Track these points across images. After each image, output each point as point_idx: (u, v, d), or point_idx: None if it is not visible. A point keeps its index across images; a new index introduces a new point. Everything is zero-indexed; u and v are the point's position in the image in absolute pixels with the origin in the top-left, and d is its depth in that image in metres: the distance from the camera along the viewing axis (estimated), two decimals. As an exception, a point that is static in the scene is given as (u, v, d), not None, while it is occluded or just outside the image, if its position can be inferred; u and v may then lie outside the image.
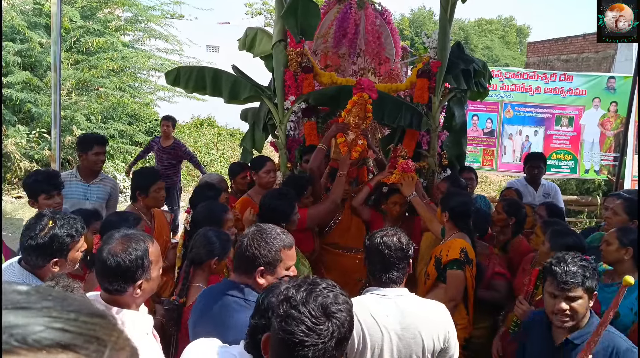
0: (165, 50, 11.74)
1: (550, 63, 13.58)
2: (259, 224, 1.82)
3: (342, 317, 1.11)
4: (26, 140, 9.17)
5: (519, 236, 3.22)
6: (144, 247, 1.65)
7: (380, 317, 1.80)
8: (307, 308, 1.09)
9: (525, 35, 37.68)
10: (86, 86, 10.23)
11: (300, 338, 1.06)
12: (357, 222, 3.52)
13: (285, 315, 1.10)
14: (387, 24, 4.65)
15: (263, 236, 1.70)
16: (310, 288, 1.14)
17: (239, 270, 1.76)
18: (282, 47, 3.91)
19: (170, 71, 4.36)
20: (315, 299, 1.11)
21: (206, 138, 12.76)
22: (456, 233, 2.73)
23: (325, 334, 1.08)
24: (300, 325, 1.07)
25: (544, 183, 4.48)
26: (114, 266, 1.59)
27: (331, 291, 1.15)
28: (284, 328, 1.09)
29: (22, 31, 9.33)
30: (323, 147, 3.41)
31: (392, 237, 1.88)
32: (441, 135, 4.19)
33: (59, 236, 1.89)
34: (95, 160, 3.56)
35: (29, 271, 1.93)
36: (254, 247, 1.68)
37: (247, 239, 1.72)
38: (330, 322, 1.09)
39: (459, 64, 4.04)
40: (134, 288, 1.63)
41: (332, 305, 1.11)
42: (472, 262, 2.62)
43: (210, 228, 2.36)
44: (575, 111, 8.52)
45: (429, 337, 1.81)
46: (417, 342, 1.80)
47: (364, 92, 3.38)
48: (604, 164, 8.62)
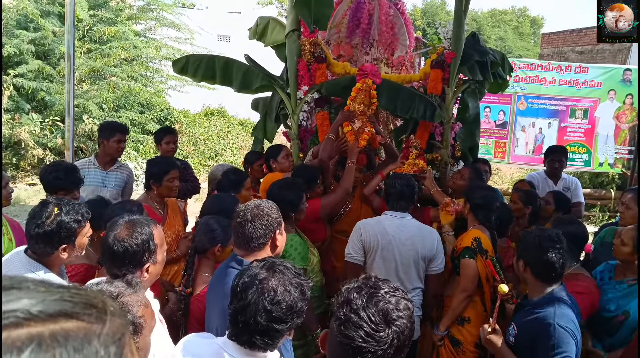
0: (177, 39, 11.75)
1: (564, 55, 13.35)
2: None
3: (402, 324, 1.07)
4: (39, 128, 9.27)
5: (533, 226, 3.21)
6: (149, 231, 1.67)
7: (390, 229, 2.71)
8: (367, 313, 1.06)
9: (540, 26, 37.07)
10: (98, 75, 10.29)
11: (359, 344, 1.04)
12: (366, 210, 3.52)
13: (345, 318, 1.07)
14: (400, 15, 4.60)
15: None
16: (372, 291, 1.10)
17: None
18: (295, 37, 3.88)
19: (179, 59, 4.29)
20: (376, 304, 1.07)
21: (217, 127, 12.79)
22: (476, 225, 2.75)
23: (385, 341, 1.05)
24: (359, 330, 1.04)
25: (564, 176, 4.39)
26: (121, 252, 1.61)
27: (393, 296, 1.10)
28: (342, 333, 1.07)
29: (35, 19, 9.39)
30: (331, 136, 3.39)
31: (403, 179, 2.81)
32: (454, 127, 4.15)
33: (66, 223, 1.89)
34: (117, 148, 3.58)
35: (35, 260, 1.93)
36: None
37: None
38: (390, 329, 1.06)
39: (473, 55, 3.98)
40: (141, 272, 1.65)
41: (393, 312, 1.07)
42: (486, 253, 2.62)
43: (211, 216, 2.36)
44: (590, 103, 8.40)
45: (422, 247, 2.68)
46: (414, 248, 2.67)
47: (367, 78, 3.33)
48: (618, 158, 8.51)
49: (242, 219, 1.86)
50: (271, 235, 1.89)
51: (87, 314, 0.47)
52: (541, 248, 1.98)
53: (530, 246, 2.04)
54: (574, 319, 1.92)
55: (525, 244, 2.10)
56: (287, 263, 1.43)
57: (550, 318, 1.90)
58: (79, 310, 0.46)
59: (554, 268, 1.97)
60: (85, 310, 0.47)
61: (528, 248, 2.06)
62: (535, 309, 2.00)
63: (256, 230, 1.84)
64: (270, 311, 1.31)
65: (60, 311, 0.45)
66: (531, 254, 2.02)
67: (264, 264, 1.39)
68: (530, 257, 2.03)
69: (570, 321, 1.89)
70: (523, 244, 2.13)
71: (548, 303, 1.97)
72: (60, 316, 0.45)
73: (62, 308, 0.45)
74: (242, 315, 1.33)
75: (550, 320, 1.89)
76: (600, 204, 9.09)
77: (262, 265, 1.39)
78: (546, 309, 1.95)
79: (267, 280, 1.34)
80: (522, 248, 2.11)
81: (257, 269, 1.38)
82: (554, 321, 1.88)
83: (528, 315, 2.02)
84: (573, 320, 1.91)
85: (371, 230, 2.71)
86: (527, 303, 2.08)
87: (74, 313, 0.46)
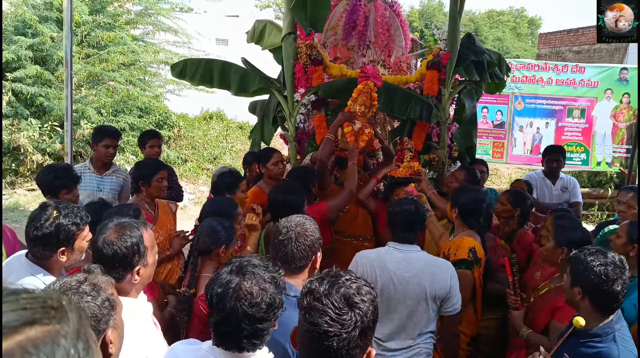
0: (175, 43, 11.78)
1: (561, 54, 13.39)
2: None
3: (365, 307, 1.12)
4: (38, 133, 9.28)
5: (524, 227, 3.21)
6: (139, 234, 1.68)
7: (392, 265, 2.30)
8: (330, 300, 1.10)
9: (537, 27, 37.16)
10: (97, 80, 10.31)
11: (325, 329, 1.08)
12: (363, 211, 3.54)
13: (309, 307, 1.12)
14: (396, 16, 4.62)
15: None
16: (333, 280, 1.15)
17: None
18: (291, 40, 3.90)
19: (177, 63, 4.33)
20: (338, 290, 1.12)
21: (215, 131, 12.80)
22: (465, 230, 2.69)
23: (349, 324, 1.09)
24: (324, 316, 1.09)
25: (562, 176, 4.37)
26: (110, 255, 1.62)
27: (354, 282, 1.16)
28: (308, 320, 1.11)
29: (34, 25, 9.41)
30: (331, 137, 3.41)
31: (412, 205, 2.39)
32: (451, 127, 4.17)
33: (64, 225, 1.90)
34: (105, 153, 3.59)
35: (35, 263, 1.94)
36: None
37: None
38: (353, 312, 1.10)
39: (469, 55, 4.01)
40: (132, 275, 1.66)
41: (355, 296, 1.12)
42: (480, 261, 2.59)
43: (213, 217, 2.37)
44: (587, 102, 8.42)
45: (431, 286, 2.26)
46: (421, 288, 2.26)
47: (369, 80, 3.37)
48: (616, 157, 8.53)
49: (285, 237, 1.80)
50: (312, 256, 1.85)
51: (49, 317, 0.46)
52: (606, 279, 1.76)
53: (593, 275, 1.79)
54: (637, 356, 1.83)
55: (585, 271, 1.82)
56: (254, 260, 1.43)
57: (615, 357, 1.77)
58: (40, 315, 0.46)
59: (617, 299, 1.80)
60: (45, 314, 0.46)
61: (589, 277, 1.80)
62: (595, 342, 1.82)
63: (300, 251, 1.79)
64: (251, 315, 1.32)
65: (22, 321, 0.44)
66: (594, 284, 1.79)
67: (232, 269, 1.39)
68: (593, 287, 1.79)
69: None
70: (580, 270, 1.85)
71: (608, 336, 1.81)
72: (23, 326, 0.44)
73: (23, 317, 0.44)
74: (225, 326, 1.34)
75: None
76: (598, 203, 9.11)
77: (230, 270, 1.39)
78: (608, 345, 1.79)
79: (240, 284, 1.34)
80: (580, 275, 1.84)
81: (227, 276, 1.37)
82: None
83: (586, 347, 1.84)
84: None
85: (369, 265, 2.33)
86: (582, 334, 1.86)
87: (36, 320, 0.45)
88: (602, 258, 1.82)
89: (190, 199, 9.25)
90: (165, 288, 2.61)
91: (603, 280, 1.76)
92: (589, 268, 1.81)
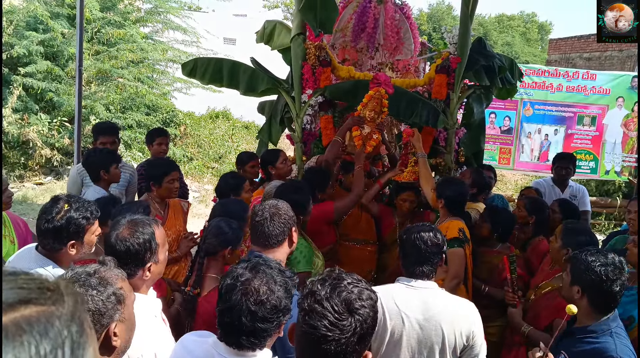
0: (183, 42, 11.83)
1: (572, 61, 13.29)
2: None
3: (365, 313, 1.11)
4: (47, 128, 9.35)
5: (540, 236, 3.16)
6: (151, 230, 1.70)
7: (403, 305, 1.89)
8: (330, 304, 1.09)
9: (547, 32, 36.90)
10: (106, 77, 10.37)
11: (323, 333, 1.07)
12: (366, 215, 3.56)
13: (309, 309, 1.11)
14: (406, 19, 4.60)
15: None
16: (335, 283, 1.14)
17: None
18: (300, 41, 3.90)
19: (187, 62, 4.36)
20: (339, 294, 1.11)
21: (221, 130, 12.83)
22: (451, 217, 2.82)
23: (348, 330, 1.08)
24: (323, 319, 1.08)
25: (572, 184, 4.32)
26: (123, 251, 1.64)
27: (356, 286, 1.14)
28: (307, 323, 1.10)
29: (45, 21, 9.48)
30: (339, 140, 3.43)
31: (429, 233, 1.97)
32: (459, 132, 4.14)
33: (75, 219, 1.92)
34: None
35: (45, 255, 1.96)
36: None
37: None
38: (353, 318, 1.09)
39: (479, 60, 3.98)
40: (143, 271, 1.68)
41: (356, 301, 1.11)
42: (469, 241, 2.71)
43: (221, 218, 2.37)
44: (598, 110, 8.34)
45: (451, 332, 1.87)
46: (437, 334, 1.86)
47: (381, 87, 3.39)
48: (625, 166, 8.44)
49: (260, 218, 1.98)
50: (288, 232, 2.01)
51: (44, 298, 0.47)
52: (606, 280, 1.79)
53: (593, 275, 1.81)
54: (634, 354, 1.83)
55: (586, 271, 1.83)
56: (272, 262, 1.45)
57: (612, 352, 1.78)
58: (36, 295, 0.47)
59: (615, 299, 1.83)
60: (41, 295, 0.47)
61: (589, 276, 1.82)
62: (591, 338, 1.84)
63: (275, 228, 1.95)
64: (254, 312, 1.32)
65: (18, 299, 0.46)
66: (593, 284, 1.81)
67: (247, 265, 1.41)
68: (592, 287, 1.82)
69: (632, 355, 1.80)
70: (580, 269, 1.86)
71: (605, 333, 1.83)
72: (19, 304, 0.45)
73: (18, 295, 0.46)
74: (227, 317, 1.34)
75: (613, 354, 1.78)
76: (606, 213, 9.00)
77: (246, 266, 1.40)
78: (605, 340, 1.81)
79: (250, 280, 1.35)
80: (580, 274, 1.86)
81: (241, 270, 1.39)
82: (617, 355, 1.77)
83: (582, 344, 1.86)
84: (634, 355, 1.82)
85: None
86: (578, 331, 1.89)
87: (31, 299, 0.46)
88: (602, 258, 1.85)
89: (195, 198, 9.27)
90: (172, 285, 2.62)
91: (603, 280, 1.80)
92: (589, 268, 1.83)
